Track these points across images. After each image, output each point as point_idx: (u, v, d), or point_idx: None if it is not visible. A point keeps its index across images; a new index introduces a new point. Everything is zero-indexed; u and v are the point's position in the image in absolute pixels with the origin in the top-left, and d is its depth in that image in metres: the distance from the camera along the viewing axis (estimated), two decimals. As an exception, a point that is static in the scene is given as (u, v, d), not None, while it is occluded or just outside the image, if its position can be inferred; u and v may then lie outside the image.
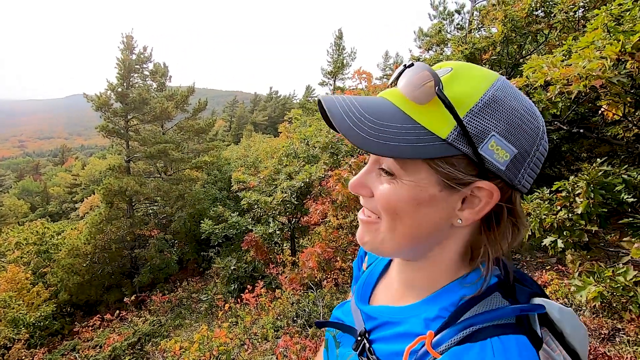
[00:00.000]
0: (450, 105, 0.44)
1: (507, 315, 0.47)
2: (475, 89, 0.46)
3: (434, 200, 0.48)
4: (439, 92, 0.45)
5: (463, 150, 0.45)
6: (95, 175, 35.66)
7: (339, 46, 20.39)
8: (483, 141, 0.45)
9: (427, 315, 0.52)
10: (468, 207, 0.49)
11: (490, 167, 0.46)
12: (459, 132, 0.45)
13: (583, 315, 2.92)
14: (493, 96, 0.46)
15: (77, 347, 9.39)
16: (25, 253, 14.98)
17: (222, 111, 57.12)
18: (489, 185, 0.47)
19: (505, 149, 0.46)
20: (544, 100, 3.38)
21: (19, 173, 65.19)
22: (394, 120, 0.47)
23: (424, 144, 0.45)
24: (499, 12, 5.69)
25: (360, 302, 0.67)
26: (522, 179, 0.48)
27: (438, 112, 0.46)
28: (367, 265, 0.76)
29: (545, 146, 0.50)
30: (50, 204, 41.85)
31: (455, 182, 0.47)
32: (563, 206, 3.23)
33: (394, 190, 0.49)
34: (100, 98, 14.20)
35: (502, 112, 0.46)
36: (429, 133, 0.45)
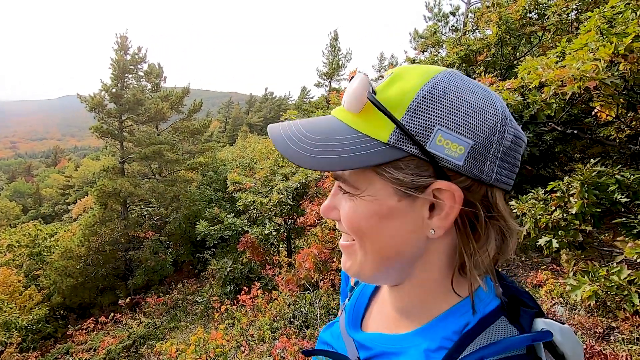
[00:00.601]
0: (381, 106, 0.42)
1: (518, 346, 0.43)
2: (411, 86, 0.44)
3: (395, 212, 0.45)
4: (369, 96, 0.43)
5: (409, 151, 0.42)
6: (88, 177, 35.37)
7: (335, 47, 20.43)
8: (429, 138, 0.42)
9: (428, 346, 0.48)
10: (437, 214, 0.45)
11: (446, 164, 0.42)
12: (399, 133, 0.42)
13: (578, 314, 2.95)
14: (432, 89, 0.43)
15: (70, 351, 9.29)
16: (17, 255, 14.78)
17: (217, 112, 56.94)
18: (446, 184, 0.43)
19: (457, 141, 0.42)
20: (538, 101, 3.42)
21: (10, 174, 64.44)
22: (336, 134, 0.46)
23: (367, 151, 0.43)
24: (494, 14, 5.74)
25: (352, 328, 0.62)
26: (491, 173, 0.43)
27: (375, 118, 0.44)
28: (355, 282, 0.71)
29: (516, 132, 0.45)
30: (43, 206, 41.41)
31: (408, 188, 0.44)
32: (558, 206, 3.26)
33: (354, 208, 0.47)
34: (94, 99, 14.09)
35: (445, 104, 0.42)
36: (371, 140, 0.44)
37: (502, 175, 0.45)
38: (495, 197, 0.45)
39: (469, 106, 0.42)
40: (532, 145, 4.76)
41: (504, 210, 0.46)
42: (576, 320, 2.83)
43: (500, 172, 0.44)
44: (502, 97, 2.44)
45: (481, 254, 0.46)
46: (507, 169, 0.45)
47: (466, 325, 0.47)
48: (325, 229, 6.99)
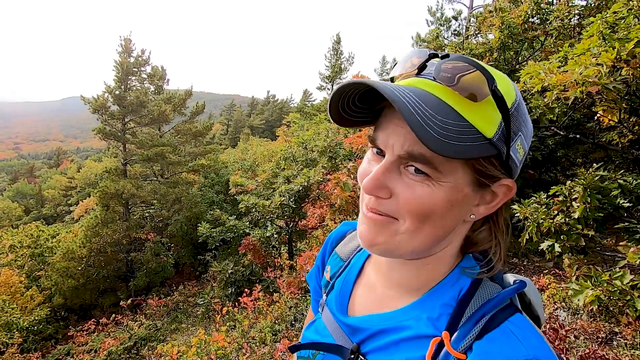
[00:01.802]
0: (505, 106, 0.44)
1: (506, 299, 0.50)
2: (510, 88, 0.47)
3: (466, 200, 0.48)
4: (495, 89, 0.43)
5: (502, 150, 0.45)
6: (91, 178, 35.47)
7: (337, 51, 20.51)
8: (514, 140, 0.46)
9: (430, 315, 0.51)
10: (482, 203, 0.50)
11: (512, 165, 0.48)
12: (502, 131, 0.45)
13: (580, 318, 2.94)
14: (519, 95, 0.48)
15: (71, 352, 9.30)
16: (19, 256, 14.81)
17: (219, 114, 57.12)
18: (510, 182, 0.48)
19: (524, 147, 0.48)
20: (541, 105, 3.43)
21: (13, 175, 64.68)
22: (450, 117, 0.43)
23: (474, 143, 0.43)
24: (496, 19, 5.76)
25: (340, 314, 0.62)
26: (517, 172, 0.51)
27: (487, 111, 0.44)
28: (331, 275, 0.70)
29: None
30: (45, 207, 41.53)
31: (489, 180, 0.48)
32: (560, 210, 3.26)
33: (431, 193, 0.46)
34: (98, 100, 14.16)
35: (524, 112, 0.48)
36: (477, 132, 0.43)
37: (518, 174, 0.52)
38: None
39: (528, 117, 0.49)
40: (534, 150, 4.76)
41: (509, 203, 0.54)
42: (579, 325, 2.83)
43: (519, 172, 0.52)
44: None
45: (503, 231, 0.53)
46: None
47: (460, 291, 0.52)
48: (327, 231, 6.98)
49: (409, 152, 0.46)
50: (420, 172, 0.46)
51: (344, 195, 5.49)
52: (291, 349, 0.65)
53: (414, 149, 0.45)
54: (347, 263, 0.69)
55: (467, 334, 0.47)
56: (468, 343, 0.46)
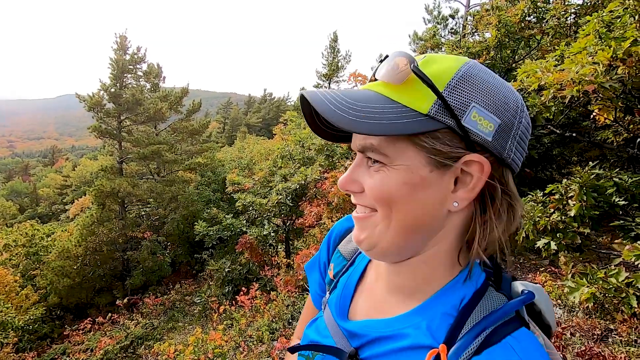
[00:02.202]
0: (426, 78, 0.45)
1: (510, 312, 0.47)
2: (449, 66, 0.47)
3: (426, 183, 0.47)
4: (414, 69, 0.45)
5: (446, 123, 0.45)
6: (86, 177, 35.23)
7: (334, 49, 20.46)
8: (465, 112, 0.45)
9: (429, 324, 0.49)
10: (461, 187, 0.47)
11: (476, 139, 0.45)
12: (439, 105, 0.45)
13: (576, 316, 2.97)
14: (468, 71, 0.46)
15: (67, 351, 9.25)
16: (14, 255, 14.70)
17: (215, 113, 56.86)
18: (478, 157, 0.46)
19: (489, 119, 0.45)
20: (537, 104, 3.44)
21: (7, 174, 64.11)
22: (375, 102, 0.47)
23: (407, 120, 0.45)
24: (493, 17, 5.77)
25: (340, 318, 0.61)
26: (511, 153, 0.47)
27: (416, 90, 0.46)
28: (334, 274, 0.70)
29: (528, 120, 0.49)
30: (40, 206, 41.22)
31: (443, 157, 0.46)
32: (556, 209, 3.28)
33: (386, 178, 0.48)
34: (93, 98, 14.05)
35: (479, 84, 0.46)
36: (410, 110, 0.45)
37: (517, 157, 0.49)
38: (507, 175, 0.49)
39: (498, 90, 0.47)
40: (530, 148, 4.79)
41: (514, 188, 0.49)
42: (574, 322, 2.85)
43: (516, 153, 0.48)
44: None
45: (498, 228, 0.48)
46: (520, 152, 0.49)
47: (463, 299, 0.50)
48: (324, 230, 6.99)
49: (362, 145, 0.50)
50: (376, 162, 0.49)
51: (341, 193, 5.49)
52: (290, 350, 0.65)
53: (365, 142, 0.49)
54: (350, 263, 0.69)
55: (465, 347, 0.45)
56: (466, 358, 0.45)
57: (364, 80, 6.72)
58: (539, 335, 0.53)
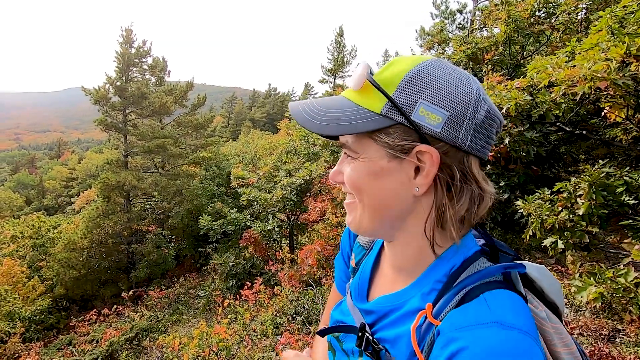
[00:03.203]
0: (375, 83, 0.53)
1: (493, 273, 0.52)
2: (401, 69, 0.54)
3: (386, 171, 0.55)
4: (367, 76, 0.54)
5: (397, 120, 0.52)
6: (91, 170, 35.48)
7: (340, 44, 20.33)
8: (413, 109, 0.51)
9: (423, 291, 0.56)
10: (420, 174, 0.54)
11: (426, 131, 0.51)
12: (390, 105, 0.52)
13: (583, 315, 2.94)
14: (417, 72, 0.53)
15: (73, 342, 9.36)
16: (21, 246, 14.87)
17: (220, 107, 56.91)
18: (426, 147, 0.52)
19: (436, 112, 0.51)
20: (547, 101, 3.39)
21: (14, 166, 64.71)
22: (341, 107, 0.56)
23: (363, 120, 0.53)
24: (502, 13, 5.69)
25: (358, 301, 0.69)
26: (465, 140, 0.52)
27: (372, 94, 0.54)
28: (356, 262, 0.78)
29: (489, 109, 0.54)
30: (46, 198, 41.65)
31: (396, 150, 0.53)
32: (564, 207, 3.24)
33: (354, 169, 0.57)
34: (99, 92, 14.08)
35: (427, 82, 0.52)
36: (368, 111, 0.54)
37: (476, 144, 0.53)
38: (470, 162, 0.54)
39: (447, 84, 0.52)
40: (538, 146, 4.73)
41: (478, 175, 0.55)
42: (581, 321, 2.83)
43: (474, 141, 0.53)
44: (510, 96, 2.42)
45: (458, 209, 0.54)
46: (482, 140, 0.54)
47: (453, 267, 0.55)
48: (328, 225, 6.99)
49: (341, 143, 0.60)
50: (349, 156, 0.59)
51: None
52: (319, 333, 0.73)
53: (342, 140, 0.59)
54: (368, 250, 0.76)
55: (447, 303, 0.51)
56: (447, 312, 0.50)
57: (370, 76, 6.70)
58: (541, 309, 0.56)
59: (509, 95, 3.40)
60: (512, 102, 3.34)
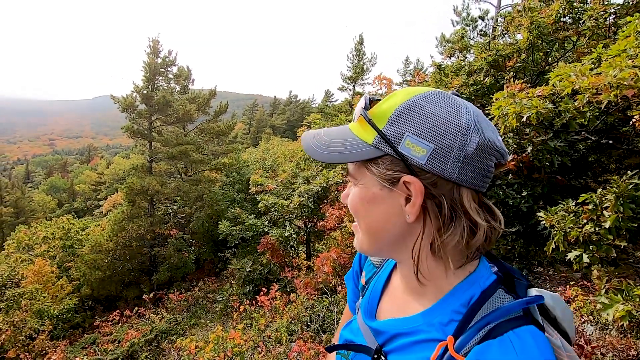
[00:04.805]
0: (367, 118, 0.57)
1: (515, 309, 0.52)
2: (394, 102, 0.56)
3: (377, 198, 0.58)
4: (362, 112, 0.58)
5: (385, 151, 0.55)
6: (119, 174, 36.78)
7: (360, 51, 20.37)
8: (400, 141, 0.54)
9: (440, 320, 0.56)
10: (409, 203, 0.55)
11: (412, 163, 0.53)
12: (379, 137, 0.55)
13: (609, 334, 2.79)
14: (408, 105, 0.55)
15: (97, 341, 9.66)
16: (51, 247, 15.55)
17: (242, 114, 57.96)
18: (410, 178, 0.54)
19: (421, 145, 0.53)
20: (571, 109, 3.28)
21: (48, 170, 68.03)
22: (343, 137, 0.60)
23: (358, 150, 0.57)
24: (525, 19, 5.56)
25: (368, 318, 0.70)
26: (453, 172, 0.52)
27: (366, 126, 0.58)
28: (366, 280, 0.79)
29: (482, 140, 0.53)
30: (76, 201, 43.45)
31: (385, 179, 0.56)
32: (589, 219, 3.11)
33: (354, 193, 0.61)
34: (127, 100, 14.65)
35: (414, 115, 0.54)
36: (362, 142, 0.57)
37: (466, 177, 0.53)
38: (461, 194, 0.55)
39: (434, 117, 0.53)
40: (562, 155, 4.56)
41: (469, 207, 0.55)
42: (607, 341, 2.68)
43: (464, 173, 0.53)
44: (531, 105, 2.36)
45: (447, 239, 0.55)
46: (474, 172, 0.54)
47: (471, 298, 0.56)
48: (344, 233, 6.96)
49: (347, 169, 0.65)
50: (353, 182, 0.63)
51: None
52: (328, 349, 0.75)
53: (346, 167, 0.65)
54: (379, 269, 0.78)
55: (470, 339, 0.51)
56: (470, 347, 0.50)
57: (388, 83, 6.65)
58: (556, 337, 0.56)
59: (529, 103, 3.30)
60: (533, 110, 3.24)
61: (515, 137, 4.84)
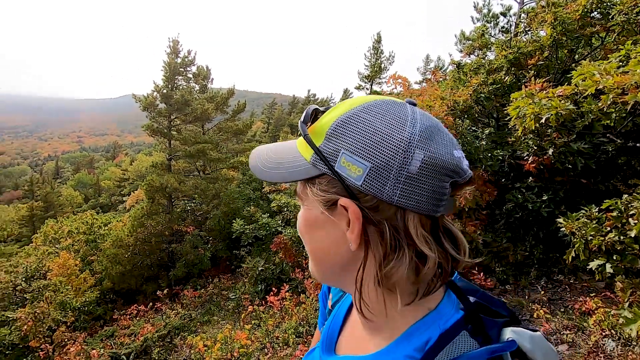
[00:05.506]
0: (304, 132, 0.51)
1: (479, 358, 0.45)
2: (333, 115, 0.50)
3: (320, 222, 0.52)
4: (300, 125, 0.53)
5: (322, 170, 0.49)
6: (141, 171, 37.88)
7: (377, 50, 20.12)
8: (336, 159, 0.48)
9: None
10: (349, 229, 0.49)
11: (350, 184, 0.47)
12: (315, 155, 0.50)
13: (632, 351, 2.61)
14: (345, 118, 0.48)
15: (115, 334, 9.94)
16: (75, 241, 16.17)
17: (260, 113, 58.51)
18: (345, 201, 0.48)
19: (356, 164, 0.46)
20: (594, 110, 3.09)
21: (76, 166, 70.92)
22: (287, 154, 0.55)
23: (297, 169, 0.52)
24: (549, 15, 5.30)
25: (325, 352, 0.63)
26: (392, 195, 0.45)
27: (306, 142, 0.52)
28: (332, 304, 0.73)
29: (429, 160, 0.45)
30: (102, 196, 45.08)
31: (322, 200, 0.50)
32: (613, 227, 2.93)
33: (300, 215, 0.56)
34: (147, 99, 15.00)
35: (352, 130, 0.47)
36: (302, 159, 0.52)
37: (411, 199, 0.45)
38: (406, 219, 0.47)
39: (372, 132, 0.46)
40: (587, 158, 4.32)
41: (415, 234, 0.47)
42: (630, 358, 2.50)
43: (407, 195, 0.45)
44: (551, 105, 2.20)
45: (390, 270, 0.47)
46: (420, 194, 0.46)
47: (427, 342, 0.48)
48: (357, 234, 6.85)
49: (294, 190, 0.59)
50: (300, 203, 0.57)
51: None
52: None
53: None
54: (345, 293, 0.71)
55: None
56: None
57: (404, 83, 6.51)
58: None
59: (549, 104, 3.13)
60: (553, 111, 3.07)
61: (535, 139, 4.63)
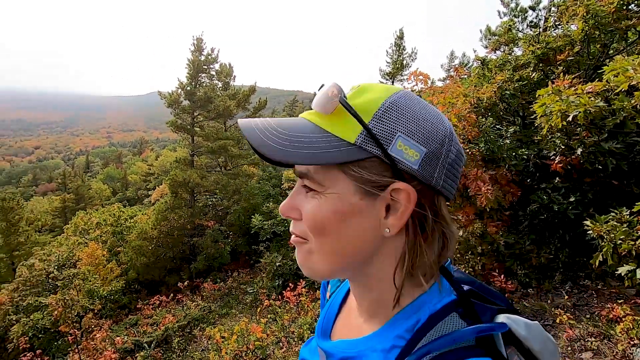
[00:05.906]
0: (352, 110, 0.46)
1: (465, 337, 0.44)
2: (376, 96, 0.48)
3: (357, 210, 0.48)
4: (341, 100, 0.47)
5: (373, 152, 0.46)
6: (166, 166, 39.02)
7: (399, 46, 19.79)
8: (391, 142, 0.46)
9: (383, 346, 0.50)
10: (392, 214, 0.48)
11: (403, 167, 0.46)
12: (365, 135, 0.46)
13: (663, 363, 2.47)
14: (395, 101, 0.48)
15: (138, 322, 10.33)
16: (103, 232, 16.90)
17: (282, 110, 58.91)
18: (404, 185, 0.46)
19: (414, 148, 0.46)
20: (627, 107, 2.93)
21: (105, 161, 73.93)
22: (307, 132, 0.48)
23: (335, 150, 0.46)
24: (581, 8, 5.06)
25: (321, 338, 0.64)
26: (439, 180, 0.48)
27: (345, 120, 0.47)
28: (330, 293, 0.72)
29: (459, 149, 0.50)
30: (128, 190, 46.81)
31: (371, 186, 0.47)
32: (645, 232, 2.78)
33: (318, 206, 0.49)
34: (172, 96, 15.41)
35: (405, 114, 0.47)
36: (339, 139, 0.47)
37: (448, 184, 0.49)
38: (440, 203, 0.49)
39: (425, 119, 0.48)
40: (618, 159, 4.11)
41: (447, 216, 0.50)
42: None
43: (446, 180, 0.49)
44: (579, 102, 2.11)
45: (428, 254, 0.48)
46: (451, 179, 0.50)
47: (417, 323, 0.48)
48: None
49: (300, 172, 0.51)
50: (310, 189, 0.50)
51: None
52: None
53: (300, 169, 0.50)
54: (342, 282, 0.70)
55: None
56: None
57: (425, 80, 6.36)
58: None
59: (577, 101, 2.99)
60: (581, 108, 2.93)
61: (563, 138, 4.45)
